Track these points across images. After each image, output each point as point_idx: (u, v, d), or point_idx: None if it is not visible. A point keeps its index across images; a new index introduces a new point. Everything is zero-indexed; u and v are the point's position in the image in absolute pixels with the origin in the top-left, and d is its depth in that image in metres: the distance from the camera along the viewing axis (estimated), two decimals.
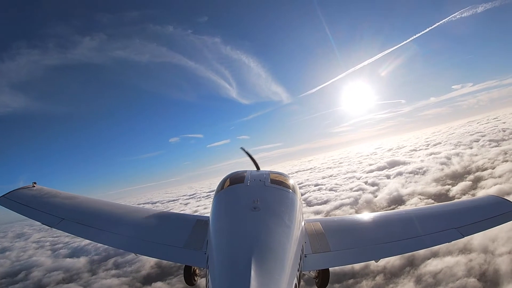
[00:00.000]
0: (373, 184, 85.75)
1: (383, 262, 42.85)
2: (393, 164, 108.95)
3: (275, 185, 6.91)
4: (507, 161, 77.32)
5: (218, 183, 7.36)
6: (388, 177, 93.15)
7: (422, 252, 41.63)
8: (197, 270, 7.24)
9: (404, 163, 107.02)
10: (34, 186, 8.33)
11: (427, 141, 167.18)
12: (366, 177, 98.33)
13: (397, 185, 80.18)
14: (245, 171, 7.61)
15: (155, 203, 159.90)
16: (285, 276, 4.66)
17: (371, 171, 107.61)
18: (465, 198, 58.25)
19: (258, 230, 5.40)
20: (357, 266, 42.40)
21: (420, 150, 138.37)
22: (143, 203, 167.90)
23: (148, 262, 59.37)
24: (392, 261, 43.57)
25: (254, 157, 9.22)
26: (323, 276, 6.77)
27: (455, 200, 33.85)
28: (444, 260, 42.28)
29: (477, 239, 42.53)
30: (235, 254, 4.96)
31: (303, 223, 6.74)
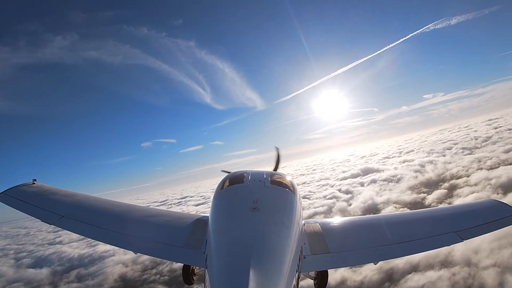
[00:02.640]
0: (347, 192, 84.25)
1: (360, 276, 43.20)
2: (366, 172, 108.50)
3: (275, 185, 6.88)
4: (481, 169, 77.35)
5: (217, 183, 7.40)
6: (362, 184, 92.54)
7: (401, 266, 42.48)
8: (195, 270, 7.26)
9: (377, 171, 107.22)
10: (34, 183, 8.35)
11: (400, 149, 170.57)
12: (340, 185, 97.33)
13: (372, 193, 79.37)
14: (245, 171, 7.46)
15: None
16: (284, 277, 4.75)
17: (345, 178, 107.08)
18: (461, 201, 57.96)
19: (257, 231, 5.45)
20: (333, 281, 42.29)
21: (393, 157, 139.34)
22: None
23: (112, 275, 59.57)
24: (370, 275, 42.70)
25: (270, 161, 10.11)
26: (322, 277, 6.79)
27: (455, 204, 31.54)
28: (426, 274, 40.58)
29: (459, 250, 41.37)
30: (234, 254, 5.03)
31: (302, 224, 6.74)
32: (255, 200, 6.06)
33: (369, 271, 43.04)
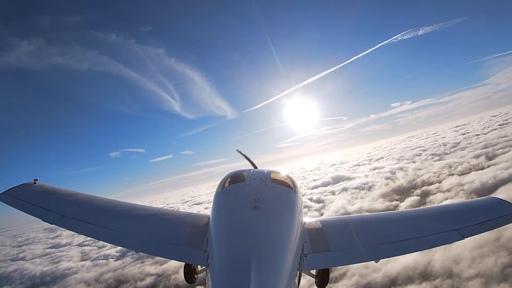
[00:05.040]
0: (318, 201, 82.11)
1: None
2: (337, 180, 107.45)
3: (276, 184, 6.91)
4: (452, 174, 77.32)
5: (218, 183, 7.40)
6: (333, 193, 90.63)
7: (379, 279, 40.75)
8: (197, 269, 7.39)
9: (348, 178, 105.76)
10: (35, 183, 8.37)
11: (370, 156, 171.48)
12: (311, 193, 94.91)
13: (343, 202, 77.19)
14: (246, 170, 7.55)
15: None
16: (285, 275, 4.87)
17: (316, 187, 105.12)
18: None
19: (258, 229, 5.53)
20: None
21: (363, 165, 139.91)
22: None
23: None
24: None
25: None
26: (323, 275, 6.92)
27: (456, 201, 31.04)
28: None
29: (438, 260, 40.36)
30: (235, 252, 5.12)
31: (303, 222, 6.88)
32: (256, 198, 6.10)
33: (345, 287, 41.32)
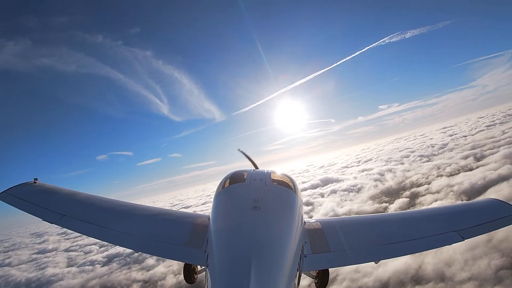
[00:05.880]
0: (307, 204, 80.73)
1: None
2: (326, 182, 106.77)
3: (276, 184, 6.95)
4: (441, 175, 77.28)
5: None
6: (322, 195, 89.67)
7: (370, 284, 39.62)
8: (196, 269, 7.37)
9: (337, 181, 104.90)
10: (35, 182, 8.37)
11: (358, 158, 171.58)
12: None
13: (333, 204, 76.57)
14: (246, 170, 7.59)
15: None
16: (285, 276, 4.85)
17: (305, 189, 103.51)
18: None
19: (258, 229, 5.53)
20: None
21: (352, 166, 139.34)
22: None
23: None
24: None
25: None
26: (323, 276, 6.85)
27: (456, 203, 32.28)
28: None
29: (430, 263, 39.59)
30: (235, 253, 5.12)
31: (303, 223, 6.82)
32: (256, 199, 6.10)
33: None
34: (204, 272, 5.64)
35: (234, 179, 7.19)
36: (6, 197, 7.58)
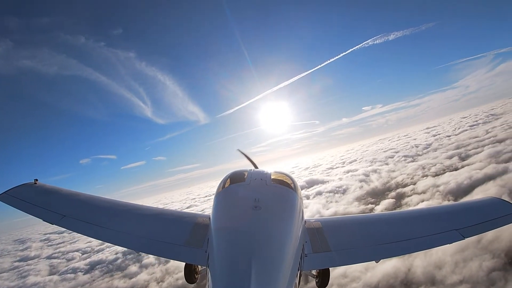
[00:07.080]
0: None
1: None
2: (311, 183, 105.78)
3: (276, 184, 6.93)
4: (427, 175, 77.01)
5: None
6: (307, 197, 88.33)
7: None
8: (197, 269, 7.35)
9: (322, 182, 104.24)
10: (35, 183, 8.32)
11: (343, 159, 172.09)
12: None
13: (318, 206, 75.29)
14: (246, 170, 7.56)
15: (63, 232, 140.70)
16: (285, 275, 4.88)
17: None
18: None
19: (258, 229, 5.55)
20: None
21: (337, 168, 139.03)
22: (50, 233, 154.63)
23: None
24: None
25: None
26: (323, 276, 6.86)
27: (456, 202, 28.26)
28: None
29: (419, 266, 38.81)
30: (236, 252, 5.14)
31: (303, 222, 6.84)
32: (256, 198, 6.08)
33: None
34: (205, 272, 5.60)
35: (234, 179, 7.16)
36: (7, 198, 7.50)
